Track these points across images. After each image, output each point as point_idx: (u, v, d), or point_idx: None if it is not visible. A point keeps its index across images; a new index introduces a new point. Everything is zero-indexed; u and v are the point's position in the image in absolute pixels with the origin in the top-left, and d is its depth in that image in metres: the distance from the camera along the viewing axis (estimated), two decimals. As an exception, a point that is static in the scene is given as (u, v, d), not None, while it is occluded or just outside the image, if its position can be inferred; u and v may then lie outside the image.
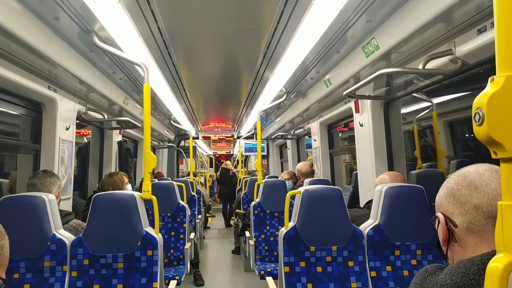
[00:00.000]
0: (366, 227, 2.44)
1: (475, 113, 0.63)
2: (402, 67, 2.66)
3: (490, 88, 0.61)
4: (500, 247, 0.62)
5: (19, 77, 2.69)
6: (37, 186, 2.55)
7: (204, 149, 16.61)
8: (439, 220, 0.95)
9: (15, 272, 2.19)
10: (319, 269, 2.38)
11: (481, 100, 0.62)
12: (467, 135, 4.59)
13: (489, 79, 0.63)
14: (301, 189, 2.49)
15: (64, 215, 2.53)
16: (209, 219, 10.04)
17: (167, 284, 2.88)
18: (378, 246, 2.38)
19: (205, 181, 12.34)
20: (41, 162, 3.26)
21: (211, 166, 18.13)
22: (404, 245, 2.37)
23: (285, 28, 2.67)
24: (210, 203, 9.92)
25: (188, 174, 7.96)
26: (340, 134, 5.77)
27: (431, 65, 2.33)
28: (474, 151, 4.47)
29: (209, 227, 9.65)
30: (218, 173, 10.81)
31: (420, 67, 2.27)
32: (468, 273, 0.79)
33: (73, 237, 2.33)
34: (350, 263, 2.40)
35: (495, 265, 0.60)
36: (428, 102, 4.01)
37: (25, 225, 2.19)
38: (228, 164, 10.61)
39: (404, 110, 4.53)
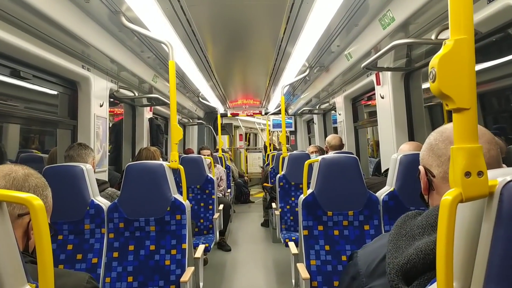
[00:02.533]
0: (382, 193, 2.55)
1: (430, 72, 0.74)
2: (418, 38, 2.70)
3: (442, 50, 0.73)
4: (452, 183, 0.74)
5: (56, 58, 2.90)
6: (74, 157, 2.79)
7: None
8: (421, 173, 1.08)
9: (59, 234, 2.44)
10: (336, 232, 2.52)
11: (434, 61, 0.73)
12: (497, 107, 4.52)
13: (443, 42, 0.74)
14: (319, 157, 2.62)
15: (100, 183, 2.77)
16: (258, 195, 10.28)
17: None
18: (393, 211, 2.49)
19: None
20: (78, 136, 3.51)
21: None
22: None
23: (302, 3, 2.76)
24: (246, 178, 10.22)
25: (217, 150, 8.19)
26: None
27: (445, 35, 2.38)
28: (507, 123, 4.40)
29: (253, 202, 9.83)
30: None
31: (433, 37, 2.33)
32: None
33: (109, 203, 2.56)
34: (366, 227, 2.52)
35: (446, 197, 0.72)
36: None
37: (67, 192, 2.41)
38: (273, 140, 10.94)
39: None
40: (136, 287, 2.41)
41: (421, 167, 1.07)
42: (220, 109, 8.86)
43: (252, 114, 9.81)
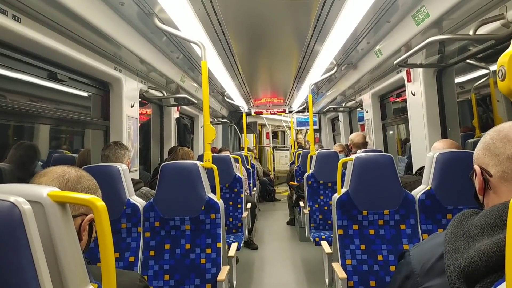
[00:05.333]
0: (418, 192, 2.51)
1: (499, 70, 0.72)
2: (453, 34, 2.65)
3: (511, 48, 0.71)
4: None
5: (90, 60, 2.95)
6: (110, 157, 2.84)
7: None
8: (476, 173, 1.05)
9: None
10: (371, 231, 2.50)
11: (503, 59, 0.71)
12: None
13: (511, 40, 0.72)
14: (353, 156, 2.60)
15: (135, 183, 2.80)
16: (285, 193, 10.34)
17: (228, 248, 3.11)
18: (430, 210, 2.45)
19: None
20: (110, 137, 3.57)
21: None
22: (456, 209, 2.42)
23: (334, 0, 2.73)
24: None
25: (242, 149, 8.23)
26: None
27: (483, 30, 2.33)
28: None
29: (279, 200, 9.89)
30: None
31: (471, 33, 2.28)
32: (501, 215, 0.88)
33: (145, 202, 2.60)
34: (402, 226, 2.49)
35: (516, 198, 0.70)
36: (485, 69, 3.91)
37: (104, 191, 2.44)
38: (299, 138, 11.06)
39: (462, 79, 4.43)
40: (173, 285, 2.44)
41: (476, 167, 1.05)
42: (244, 108, 8.88)
43: (275, 112, 9.80)
